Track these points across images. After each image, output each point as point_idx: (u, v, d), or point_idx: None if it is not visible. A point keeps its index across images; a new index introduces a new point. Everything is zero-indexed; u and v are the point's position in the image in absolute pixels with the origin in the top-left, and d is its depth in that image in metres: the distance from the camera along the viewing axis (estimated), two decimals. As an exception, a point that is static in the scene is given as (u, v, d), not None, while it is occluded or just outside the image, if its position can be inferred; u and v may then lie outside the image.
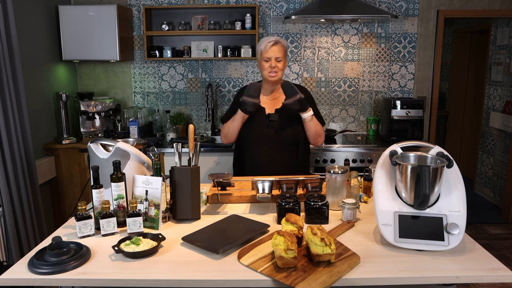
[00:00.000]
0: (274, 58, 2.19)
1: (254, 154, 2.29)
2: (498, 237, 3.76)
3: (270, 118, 2.27)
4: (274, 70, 2.20)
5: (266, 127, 2.26)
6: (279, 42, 2.21)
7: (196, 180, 1.69)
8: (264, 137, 2.27)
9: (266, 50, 2.20)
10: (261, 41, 2.24)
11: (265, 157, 2.27)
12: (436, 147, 1.55)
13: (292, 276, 1.25)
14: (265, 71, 2.22)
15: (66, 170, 3.39)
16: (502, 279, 1.28)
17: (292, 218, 1.48)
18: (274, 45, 2.20)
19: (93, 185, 1.60)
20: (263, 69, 2.23)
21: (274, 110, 2.30)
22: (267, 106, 2.31)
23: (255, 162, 2.29)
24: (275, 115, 2.28)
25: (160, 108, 3.96)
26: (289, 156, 2.31)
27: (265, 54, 2.20)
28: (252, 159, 2.31)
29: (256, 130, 2.27)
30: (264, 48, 2.20)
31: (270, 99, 2.34)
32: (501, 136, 4.39)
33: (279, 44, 2.21)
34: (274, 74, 2.21)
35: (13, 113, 2.64)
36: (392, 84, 3.91)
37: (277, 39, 2.22)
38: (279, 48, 2.20)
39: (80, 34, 3.43)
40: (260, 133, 2.27)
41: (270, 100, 2.34)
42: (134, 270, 1.32)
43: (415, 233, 1.42)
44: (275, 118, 2.27)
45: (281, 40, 2.23)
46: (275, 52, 2.19)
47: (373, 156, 3.32)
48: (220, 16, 3.76)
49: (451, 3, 3.76)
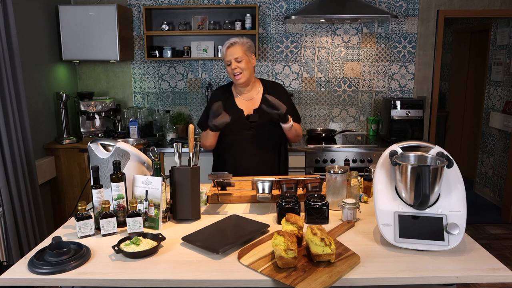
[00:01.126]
0: (233, 59, 2.15)
1: (236, 157, 2.24)
2: (498, 237, 3.76)
3: (250, 119, 2.23)
4: (237, 71, 2.16)
5: (248, 129, 2.22)
6: (236, 43, 2.16)
7: (196, 180, 1.69)
8: (246, 140, 2.22)
9: (224, 54, 2.18)
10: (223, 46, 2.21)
11: (248, 159, 2.23)
12: (436, 147, 1.54)
13: (292, 276, 1.25)
14: (230, 74, 2.20)
15: (66, 170, 3.39)
16: (502, 279, 1.28)
17: (292, 218, 1.48)
18: (229, 47, 2.16)
19: (93, 185, 1.60)
20: (228, 73, 2.21)
21: (252, 110, 2.25)
22: (244, 107, 2.26)
23: (238, 164, 2.24)
24: (255, 115, 2.23)
25: (160, 108, 3.96)
26: (272, 156, 2.29)
27: (225, 58, 2.18)
28: (234, 161, 2.26)
29: (237, 133, 2.23)
30: (222, 54, 2.19)
31: (246, 100, 2.29)
32: (501, 136, 4.39)
33: (235, 45, 2.16)
34: (239, 76, 2.17)
35: (13, 113, 2.64)
36: (392, 84, 3.91)
37: (234, 40, 2.17)
38: (236, 48, 2.15)
39: (80, 34, 3.43)
40: (242, 135, 2.23)
41: (247, 101, 2.28)
42: (134, 270, 1.32)
43: (415, 233, 1.42)
44: (255, 119, 2.23)
45: (239, 40, 2.18)
46: (232, 54, 2.15)
47: (373, 156, 3.32)
48: (220, 16, 3.76)
49: (451, 3, 3.76)
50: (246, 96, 2.29)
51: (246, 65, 2.17)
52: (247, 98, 2.29)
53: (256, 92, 2.29)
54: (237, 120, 2.21)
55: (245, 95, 2.29)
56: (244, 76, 2.17)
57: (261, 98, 2.26)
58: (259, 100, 2.26)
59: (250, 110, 2.26)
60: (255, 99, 2.28)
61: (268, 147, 2.27)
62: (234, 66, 2.15)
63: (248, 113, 2.25)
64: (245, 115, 2.25)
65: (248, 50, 2.20)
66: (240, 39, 2.19)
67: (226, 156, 2.29)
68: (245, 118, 2.24)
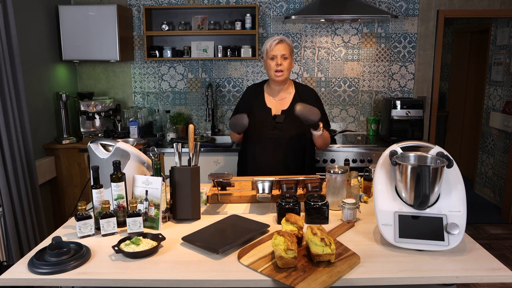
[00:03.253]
0: (280, 55, 2.17)
1: (257, 155, 2.27)
2: (498, 237, 3.76)
3: (276, 120, 2.23)
4: (280, 69, 2.17)
5: (272, 128, 2.23)
6: (285, 41, 2.20)
7: (196, 180, 1.69)
8: (269, 139, 2.23)
9: (272, 48, 2.18)
10: (267, 41, 2.23)
11: (267, 158, 2.24)
12: (436, 147, 1.54)
13: (292, 276, 1.25)
14: (271, 70, 2.20)
15: (66, 170, 3.39)
16: (502, 279, 1.28)
17: (292, 218, 1.48)
18: (279, 43, 2.18)
19: (93, 185, 1.60)
20: (269, 68, 2.21)
21: (280, 111, 2.26)
22: (273, 107, 2.27)
23: (257, 162, 2.27)
24: (281, 116, 2.23)
25: (160, 108, 3.96)
26: (295, 160, 2.27)
27: (271, 52, 2.19)
28: (254, 159, 2.28)
29: (261, 131, 2.24)
30: (270, 46, 2.19)
31: (276, 100, 2.30)
32: (501, 136, 4.39)
33: (284, 42, 2.19)
34: (280, 73, 2.18)
35: (13, 113, 2.64)
36: (392, 84, 3.91)
37: (283, 38, 2.21)
38: (284, 46, 2.19)
39: (80, 34, 3.43)
40: (265, 134, 2.24)
41: (277, 100, 2.29)
42: (134, 270, 1.32)
43: (415, 233, 1.42)
44: (281, 120, 2.23)
45: (287, 39, 2.22)
46: (280, 50, 2.18)
47: (373, 156, 3.32)
48: (220, 16, 3.76)
49: (451, 3, 3.76)
50: (277, 96, 2.30)
51: (289, 65, 2.21)
52: (278, 98, 2.30)
53: (287, 93, 2.29)
54: (263, 118, 2.23)
55: (277, 95, 2.30)
56: (284, 75, 2.20)
57: (291, 99, 2.26)
58: (289, 101, 2.26)
59: (278, 110, 2.26)
60: (285, 100, 2.28)
61: (290, 150, 2.25)
62: (280, 62, 2.17)
63: (275, 113, 2.25)
64: (272, 114, 2.25)
65: (292, 52, 2.25)
66: (287, 39, 2.23)
67: (248, 152, 2.32)
68: (272, 117, 2.24)
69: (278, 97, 2.30)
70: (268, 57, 2.20)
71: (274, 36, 2.23)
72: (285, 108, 2.26)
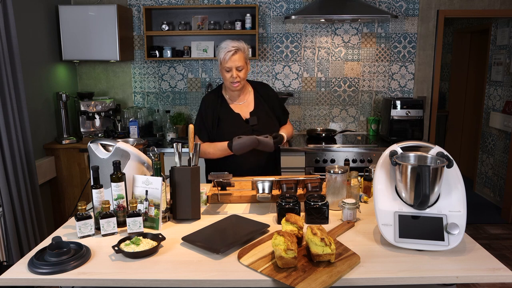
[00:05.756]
0: (234, 68, 2.09)
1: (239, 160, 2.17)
2: (498, 237, 3.76)
3: (250, 123, 2.20)
4: (237, 80, 2.11)
5: (251, 132, 2.15)
6: (239, 50, 2.09)
7: (196, 180, 1.69)
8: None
9: (226, 60, 2.08)
10: (220, 49, 2.11)
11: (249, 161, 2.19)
12: (436, 147, 1.55)
13: (292, 276, 1.25)
14: (227, 81, 2.13)
15: (66, 170, 3.39)
16: (502, 279, 1.28)
17: (292, 218, 1.48)
18: (234, 54, 2.07)
19: (93, 185, 1.60)
20: (225, 79, 2.13)
21: (248, 113, 2.23)
22: (240, 111, 2.23)
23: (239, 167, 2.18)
24: (253, 118, 2.21)
25: (160, 108, 3.96)
26: (270, 157, 2.28)
27: (225, 64, 2.09)
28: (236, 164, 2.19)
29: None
30: (224, 58, 2.08)
31: (240, 103, 2.25)
32: (501, 136, 4.39)
33: (239, 52, 2.09)
34: (237, 84, 2.13)
35: (13, 113, 2.64)
36: (392, 84, 3.91)
37: (237, 47, 2.09)
38: (239, 56, 2.08)
39: (80, 34, 3.43)
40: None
41: (241, 104, 2.25)
42: (134, 270, 1.32)
43: (415, 233, 1.42)
44: (255, 122, 2.20)
45: (241, 47, 2.11)
46: (235, 62, 2.08)
47: (373, 156, 3.32)
48: (220, 16, 3.76)
49: (451, 3, 3.76)
50: (239, 100, 2.26)
51: (245, 74, 2.14)
52: (240, 102, 2.26)
53: (247, 93, 2.27)
54: (236, 125, 2.19)
55: (238, 98, 2.25)
56: (241, 84, 2.15)
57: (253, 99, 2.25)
58: (252, 101, 2.25)
59: (245, 113, 2.24)
60: (248, 101, 2.26)
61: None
62: (235, 75, 2.10)
63: (245, 117, 2.23)
64: (243, 119, 2.22)
65: (247, 58, 2.16)
66: (241, 44, 2.12)
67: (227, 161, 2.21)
68: (244, 121, 2.22)
69: (240, 100, 2.25)
70: (223, 68, 2.11)
71: (228, 44, 2.10)
72: (252, 109, 2.23)
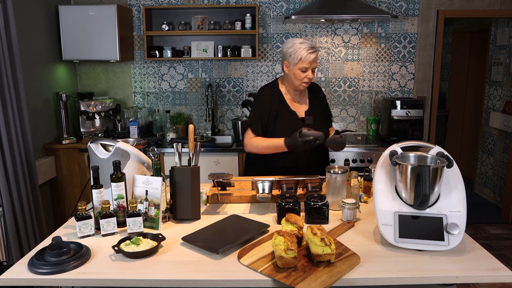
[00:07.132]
0: (311, 68, 2.04)
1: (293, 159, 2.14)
2: (498, 237, 3.76)
3: (306, 122, 2.15)
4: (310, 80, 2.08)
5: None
6: (317, 50, 2.04)
7: (196, 180, 1.69)
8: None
9: (308, 60, 2.01)
10: (299, 47, 2.02)
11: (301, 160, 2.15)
12: (436, 147, 1.55)
13: (292, 276, 1.25)
14: (299, 81, 2.07)
15: (66, 170, 3.39)
16: (502, 279, 1.28)
17: (292, 218, 1.48)
18: (313, 53, 2.01)
19: (93, 185, 1.60)
20: (297, 77, 2.07)
21: (303, 113, 2.19)
22: (296, 110, 2.20)
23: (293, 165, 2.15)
24: (309, 117, 2.17)
25: (160, 108, 3.96)
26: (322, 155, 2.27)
27: (304, 64, 2.01)
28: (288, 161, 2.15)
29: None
30: (306, 57, 2.01)
31: (296, 102, 2.22)
32: (501, 136, 4.39)
33: (316, 52, 2.04)
34: (307, 84, 2.10)
35: (13, 113, 2.64)
36: (392, 84, 3.91)
37: (315, 47, 2.03)
38: (316, 56, 2.04)
39: (80, 34, 3.43)
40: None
41: (297, 102, 2.22)
42: (134, 270, 1.32)
43: (415, 233, 1.42)
44: (311, 121, 2.15)
45: (316, 48, 2.06)
46: (315, 62, 2.02)
47: (373, 156, 3.32)
48: (220, 16, 3.76)
49: (451, 3, 3.76)
50: (296, 98, 2.22)
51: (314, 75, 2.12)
52: (297, 100, 2.22)
53: (304, 93, 2.24)
54: (293, 123, 2.13)
55: (296, 97, 2.22)
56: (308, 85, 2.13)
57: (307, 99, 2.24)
58: (307, 101, 2.23)
59: (301, 112, 2.20)
60: (303, 100, 2.24)
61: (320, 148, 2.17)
62: (310, 76, 2.05)
63: (300, 115, 2.18)
64: (299, 117, 2.18)
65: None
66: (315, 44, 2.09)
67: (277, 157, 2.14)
68: (300, 120, 2.17)
69: (296, 99, 2.22)
70: (298, 67, 2.03)
71: (306, 43, 2.02)
72: (307, 109, 2.21)
